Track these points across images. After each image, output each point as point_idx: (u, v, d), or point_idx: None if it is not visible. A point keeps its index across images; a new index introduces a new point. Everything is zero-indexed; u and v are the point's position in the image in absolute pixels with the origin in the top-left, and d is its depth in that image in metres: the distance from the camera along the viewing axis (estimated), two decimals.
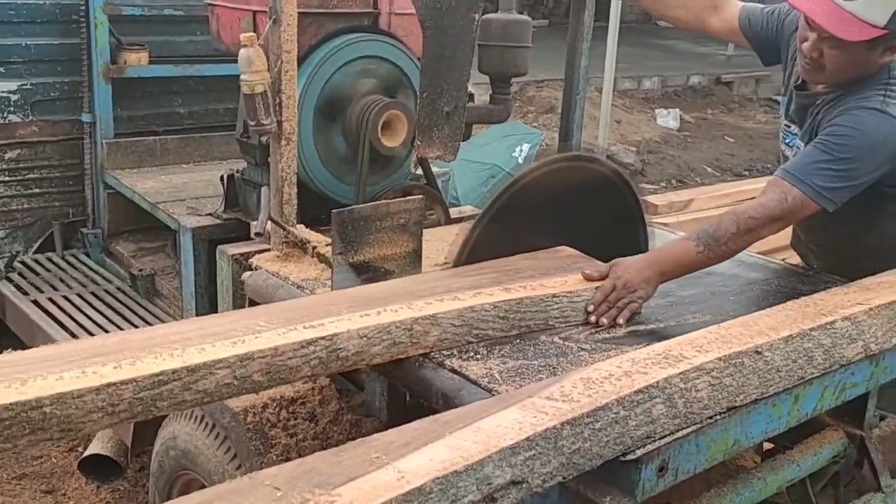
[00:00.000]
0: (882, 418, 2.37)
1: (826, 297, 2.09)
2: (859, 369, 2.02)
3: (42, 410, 1.43)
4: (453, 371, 1.88)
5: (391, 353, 1.82)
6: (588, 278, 2.13)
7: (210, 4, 3.12)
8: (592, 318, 2.08)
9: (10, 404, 1.41)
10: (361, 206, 2.29)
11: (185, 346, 1.62)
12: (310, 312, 1.80)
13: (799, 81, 2.35)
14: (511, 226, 2.24)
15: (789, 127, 2.43)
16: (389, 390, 2.19)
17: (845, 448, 2.26)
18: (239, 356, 1.62)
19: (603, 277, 2.13)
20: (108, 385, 1.49)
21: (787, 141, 2.45)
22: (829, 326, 1.93)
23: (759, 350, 1.80)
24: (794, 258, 2.90)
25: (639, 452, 1.59)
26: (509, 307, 1.98)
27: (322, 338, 1.71)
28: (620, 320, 2.08)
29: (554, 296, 2.05)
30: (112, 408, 1.49)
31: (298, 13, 2.56)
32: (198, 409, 2.28)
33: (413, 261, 2.37)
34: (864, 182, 2.14)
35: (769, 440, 2.19)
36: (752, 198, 2.55)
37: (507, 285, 2.04)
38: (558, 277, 2.13)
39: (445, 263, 2.32)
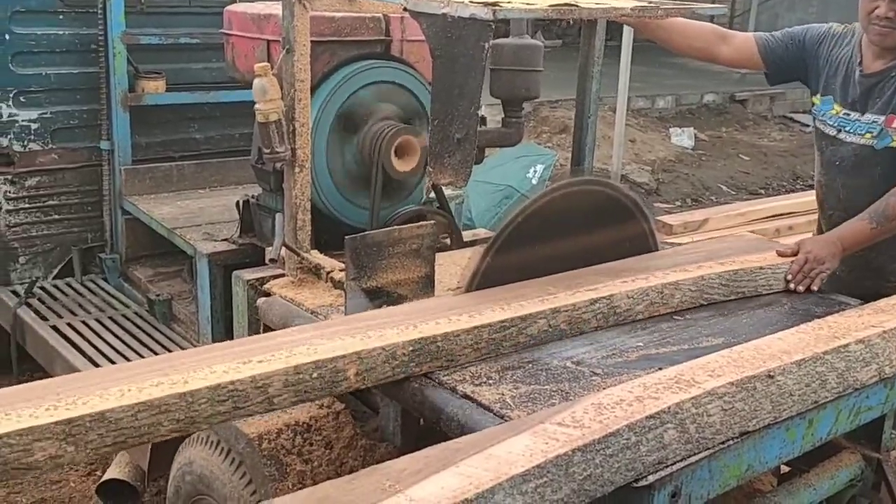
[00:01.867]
0: None
1: (839, 320, 2.09)
2: (874, 393, 2.01)
3: None
4: (465, 396, 1.89)
5: (649, 311, 2.27)
6: (781, 254, 2.52)
7: (225, 34, 3.18)
8: (791, 286, 2.46)
9: None
10: (374, 232, 2.31)
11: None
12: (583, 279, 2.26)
13: (858, 67, 2.60)
14: (520, 253, 2.25)
15: (848, 115, 2.64)
16: (403, 415, 2.20)
17: (862, 471, 2.24)
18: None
19: (794, 254, 2.51)
20: None
21: (847, 128, 2.65)
22: (842, 350, 1.93)
23: (772, 374, 1.80)
24: None
25: (651, 478, 1.59)
26: (729, 276, 2.40)
27: (603, 298, 2.19)
28: (814, 287, 2.44)
29: (760, 268, 2.46)
30: None
31: (311, 42, 2.60)
32: (213, 434, 2.30)
33: (426, 285, 2.38)
34: None
35: (785, 463, 2.18)
36: (772, 216, 2.77)
37: (720, 261, 2.45)
38: (756, 255, 2.53)
39: (458, 288, 2.33)
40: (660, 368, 1.89)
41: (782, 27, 2.81)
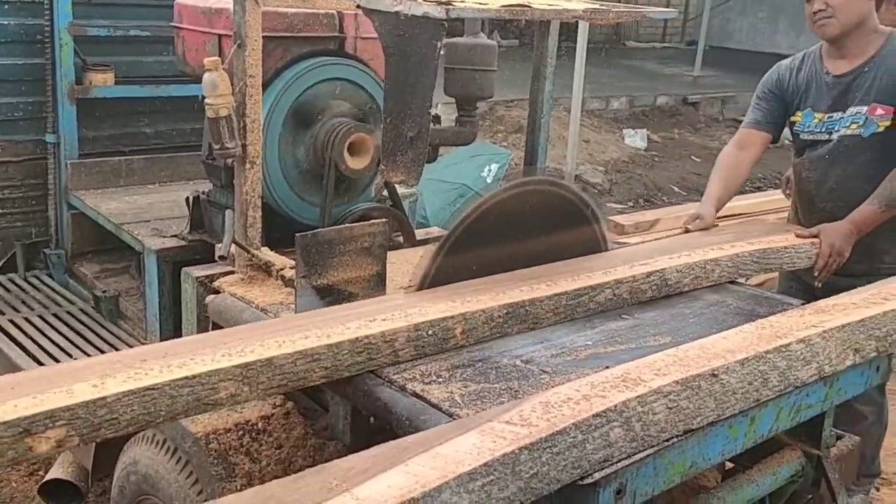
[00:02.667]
0: (839, 437, 2.41)
1: (782, 320, 2.13)
2: (814, 391, 2.06)
3: None
4: (415, 395, 1.89)
5: (693, 284, 2.53)
6: (800, 236, 2.83)
7: (175, 27, 3.13)
8: (818, 284, 2.81)
9: None
10: (325, 229, 2.29)
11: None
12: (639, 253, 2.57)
13: (826, 76, 2.92)
14: (471, 252, 2.26)
15: (832, 117, 2.92)
16: (353, 414, 2.19)
17: (803, 467, 2.30)
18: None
19: (813, 236, 2.81)
20: None
21: (835, 128, 2.91)
22: (784, 349, 1.97)
23: (716, 373, 1.83)
24: None
25: (596, 476, 1.61)
26: (760, 254, 2.68)
27: (657, 271, 2.45)
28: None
29: (784, 248, 2.75)
30: None
31: (263, 37, 2.58)
32: (159, 433, 2.27)
33: (377, 284, 2.38)
34: None
35: (729, 460, 2.22)
36: (722, 217, 2.94)
37: (749, 241, 2.72)
38: (779, 236, 2.83)
39: (409, 286, 2.33)
40: (607, 367, 1.91)
41: (733, 31, 3.00)
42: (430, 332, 2.03)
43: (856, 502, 2.41)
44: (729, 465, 2.44)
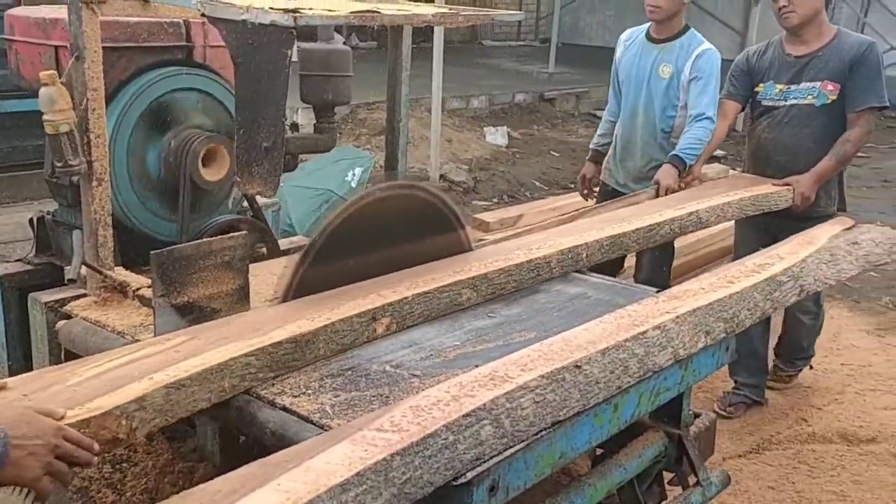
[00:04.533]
0: (696, 416, 2.54)
1: (639, 309, 2.21)
2: (671, 374, 2.16)
3: None
4: (284, 409, 1.86)
5: (717, 221, 3.46)
6: (775, 185, 3.73)
7: (7, 39, 2.94)
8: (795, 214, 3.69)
9: None
10: (182, 245, 2.22)
11: None
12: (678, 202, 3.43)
13: (786, 56, 3.82)
14: (336, 260, 2.24)
15: (789, 88, 3.82)
16: (221, 433, 2.13)
17: (666, 447, 2.41)
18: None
19: (786, 185, 3.71)
20: None
21: (791, 97, 3.81)
22: (641, 336, 2.05)
23: (579, 364, 1.89)
24: None
25: (469, 475, 1.63)
26: (755, 199, 3.58)
27: (692, 213, 3.24)
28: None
29: (769, 193, 3.66)
30: None
31: (105, 48, 2.46)
32: None
33: (240, 297, 2.32)
34: None
35: (598, 446, 2.30)
36: (582, 209, 3.47)
37: (744, 190, 3.62)
38: (762, 186, 3.73)
39: (275, 298, 2.28)
40: (476, 366, 1.94)
41: (583, 28, 3.29)
42: (569, 256, 2.69)
43: (715, 476, 2.54)
44: (599, 450, 2.54)
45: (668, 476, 2.56)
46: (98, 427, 1.62)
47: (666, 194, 3.67)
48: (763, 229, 3.88)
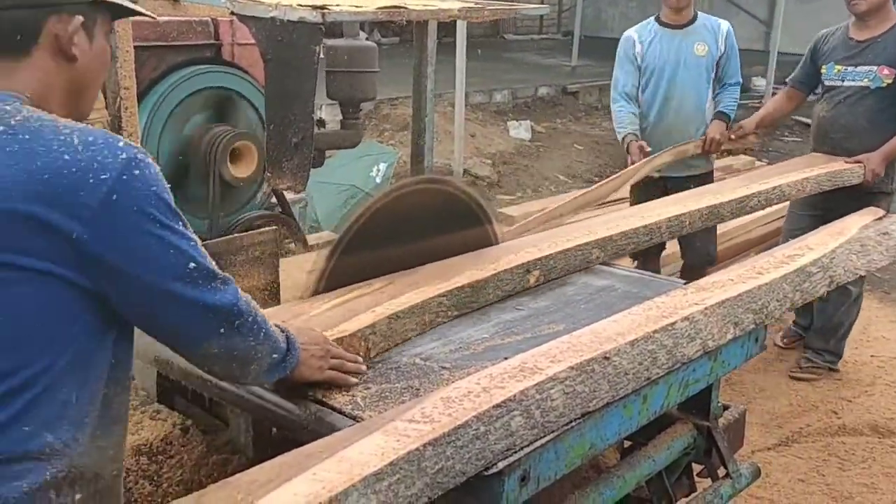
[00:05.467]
0: (726, 408, 2.54)
1: (667, 300, 2.21)
2: (699, 365, 2.16)
3: None
4: (316, 401, 1.89)
5: (791, 196, 3.74)
6: (848, 163, 3.95)
7: None
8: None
9: None
10: (212, 241, 2.25)
11: None
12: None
13: (849, 39, 4.07)
14: (364, 253, 2.27)
15: (846, 69, 4.05)
16: (254, 425, 2.16)
17: (695, 439, 2.41)
18: None
19: (858, 162, 3.95)
20: None
21: (848, 77, 4.06)
22: (669, 328, 2.05)
23: (608, 356, 1.90)
24: None
25: (500, 465, 1.64)
26: (830, 175, 3.82)
27: (764, 190, 3.42)
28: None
29: (842, 170, 3.91)
30: None
31: (136, 47, 2.50)
32: None
33: (271, 293, 2.35)
34: None
35: (627, 438, 2.31)
36: (607, 202, 3.35)
37: (818, 168, 3.87)
38: (835, 164, 3.97)
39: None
40: (505, 358, 1.95)
41: (606, 20, 3.33)
42: (647, 232, 2.86)
43: (744, 468, 2.53)
44: (627, 442, 2.54)
45: (697, 468, 2.56)
46: (346, 346, 1.96)
47: (712, 146, 4.17)
48: (814, 207, 4.12)
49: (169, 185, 1.34)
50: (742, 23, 12.06)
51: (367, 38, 3.08)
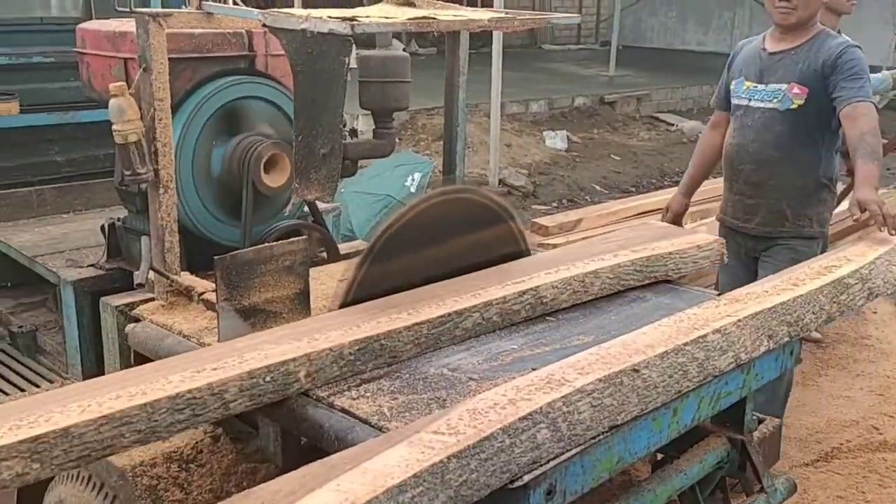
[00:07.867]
0: (760, 421, 2.49)
1: (699, 312, 2.18)
2: (732, 378, 2.12)
3: None
4: (343, 411, 1.89)
5: (572, 300, 2.42)
6: (856, 219, 2.87)
7: (79, 52, 3.05)
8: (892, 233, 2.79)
9: None
10: (244, 250, 2.27)
11: None
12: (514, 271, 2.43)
13: (762, 52, 3.31)
14: (394, 262, 2.27)
15: (756, 87, 3.30)
16: (283, 434, 2.17)
17: (728, 453, 2.37)
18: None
19: (863, 211, 2.83)
20: None
21: (756, 97, 3.29)
22: (701, 340, 2.02)
23: (637, 368, 1.87)
24: None
25: (526, 478, 1.63)
26: (643, 263, 2.60)
27: (530, 289, 2.32)
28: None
29: (669, 253, 2.67)
30: None
31: (170, 59, 2.54)
32: (84, 469, 2.21)
33: (301, 302, 2.36)
34: None
35: (658, 451, 2.28)
36: (643, 213, 3.02)
37: (633, 249, 2.65)
38: (665, 241, 2.74)
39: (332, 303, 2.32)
40: (533, 369, 1.94)
41: (645, 31, 3.21)
42: (266, 379, 1.86)
43: (780, 483, 2.48)
44: (660, 455, 2.50)
45: (731, 482, 2.51)
46: None
47: None
48: (742, 253, 3.38)
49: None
50: None
51: (404, 49, 3.09)
